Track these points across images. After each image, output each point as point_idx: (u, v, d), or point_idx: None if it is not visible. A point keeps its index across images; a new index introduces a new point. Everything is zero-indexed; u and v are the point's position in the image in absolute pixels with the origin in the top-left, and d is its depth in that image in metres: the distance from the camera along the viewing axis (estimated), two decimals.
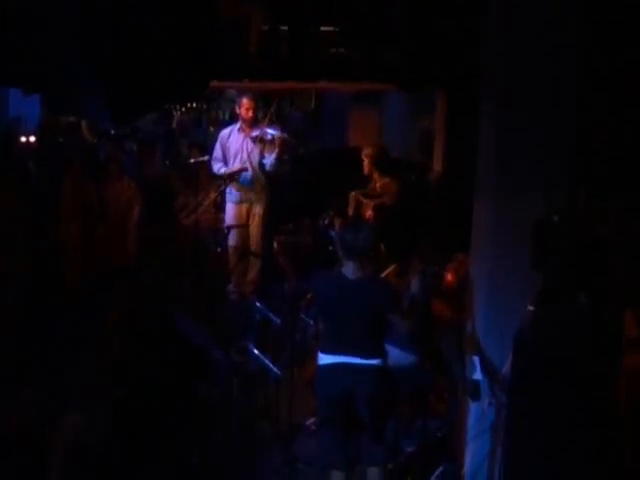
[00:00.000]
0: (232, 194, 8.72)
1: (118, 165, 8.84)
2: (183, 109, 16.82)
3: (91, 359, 6.62)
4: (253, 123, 8.72)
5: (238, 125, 8.78)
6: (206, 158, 9.08)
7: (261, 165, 8.66)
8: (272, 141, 8.58)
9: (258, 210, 8.75)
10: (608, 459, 4.01)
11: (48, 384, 5.93)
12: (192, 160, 9.57)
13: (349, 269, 5.06)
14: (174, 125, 15.08)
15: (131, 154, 10.61)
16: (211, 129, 15.13)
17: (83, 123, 10.82)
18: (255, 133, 8.61)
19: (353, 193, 8.21)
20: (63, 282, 8.20)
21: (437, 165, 10.55)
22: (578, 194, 5.12)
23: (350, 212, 8.13)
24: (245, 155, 8.66)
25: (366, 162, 8.42)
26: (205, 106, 17.98)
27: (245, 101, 8.68)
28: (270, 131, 8.58)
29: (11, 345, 6.72)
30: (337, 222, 7.73)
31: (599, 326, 4.09)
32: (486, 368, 4.96)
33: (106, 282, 7.69)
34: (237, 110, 8.83)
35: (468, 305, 5.43)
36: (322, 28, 9.28)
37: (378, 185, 8.29)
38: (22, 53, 6.31)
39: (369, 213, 7.98)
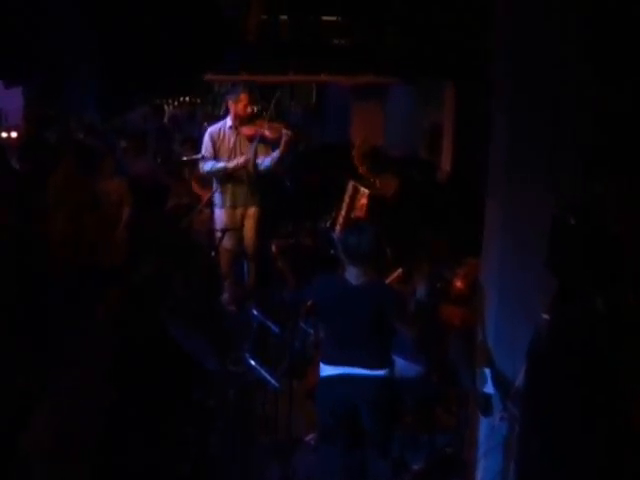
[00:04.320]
0: (223, 198, 8.61)
1: (110, 163, 8.83)
2: (175, 103, 16.87)
3: (78, 362, 6.61)
4: (249, 120, 8.60)
5: (229, 122, 8.57)
6: (200, 156, 9.05)
7: (255, 165, 8.52)
8: (270, 141, 8.46)
9: (252, 212, 8.64)
10: (629, 478, 4.00)
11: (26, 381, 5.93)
12: (185, 158, 9.56)
13: (352, 274, 5.05)
14: (166, 120, 15.10)
15: (120, 151, 10.60)
16: (205, 124, 15.13)
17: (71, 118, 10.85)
18: (251, 132, 8.49)
19: (352, 182, 8.15)
20: (49, 275, 8.17)
21: (445, 164, 10.55)
22: (592, 190, 5.12)
23: (346, 201, 8.06)
24: (238, 155, 8.51)
25: (356, 161, 8.38)
26: (199, 100, 18.01)
27: (243, 96, 8.52)
28: (268, 132, 8.44)
29: None
30: (339, 222, 7.74)
31: (619, 333, 4.08)
32: (498, 380, 4.95)
33: (94, 285, 7.68)
34: (230, 106, 8.65)
35: (478, 312, 5.42)
36: (323, 17, 9.29)
37: (377, 181, 8.23)
38: (3, 43, 6.33)
39: (362, 202, 7.89)
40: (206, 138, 8.66)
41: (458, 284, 6.19)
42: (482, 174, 5.56)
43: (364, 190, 7.93)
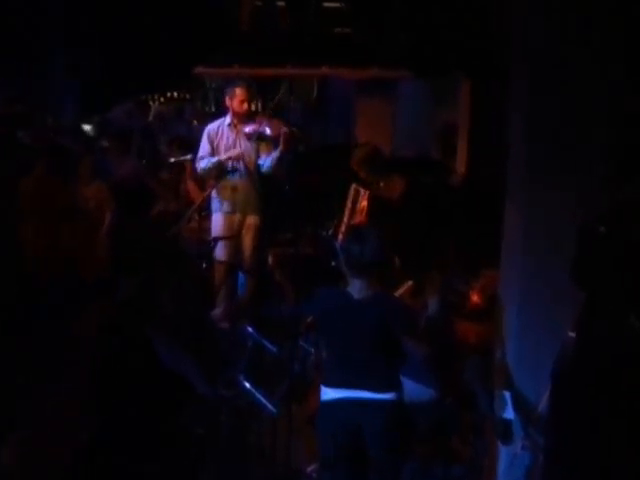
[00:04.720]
0: (220, 202, 8.60)
1: (89, 165, 8.82)
2: (162, 99, 16.85)
3: (53, 389, 6.59)
4: (247, 117, 8.62)
5: (228, 120, 8.64)
6: (189, 157, 9.04)
7: (257, 167, 8.54)
8: (271, 139, 8.46)
9: (253, 221, 8.62)
10: None
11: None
12: (172, 159, 9.55)
13: (356, 287, 5.02)
14: (151, 118, 15.09)
15: (101, 152, 10.59)
16: (195, 123, 15.15)
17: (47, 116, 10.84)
18: (250, 129, 8.50)
19: (354, 185, 8.15)
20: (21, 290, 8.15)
21: (460, 165, 10.55)
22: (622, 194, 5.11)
23: (348, 206, 8.05)
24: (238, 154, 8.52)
25: (354, 167, 8.36)
26: (188, 96, 18.02)
27: (239, 91, 8.53)
28: (269, 129, 8.45)
29: None
30: (342, 230, 7.72)
31: None
32: (519, 404, 4.94)
33: (72, 301, 7.66)
34: (227, 102, 8.68)
35: (496, 329, 5.40)
36: (325, 4, 9.28)
37: (382, 184, 8.22)
38: None
39: (363, 204, 7.90)
40: (204, 136, 8.73)
41: (474, 298, 6.18)
42: (500, 176, 5.55)
43: (364, 191, 7.93)
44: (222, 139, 8.59)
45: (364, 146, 8.80)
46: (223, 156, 8.49)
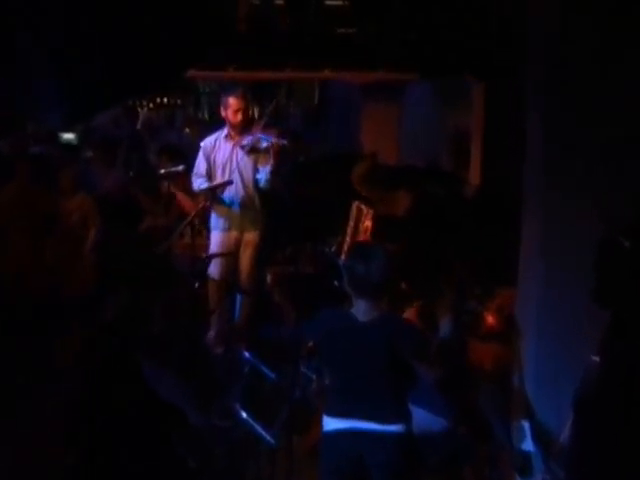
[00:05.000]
0: (217, 219, 8.61)
1: (72, 176, 8.84)
2: (151, 105, 16.91)
3: (30, 421, 6.60)
4: (244, 128, 8.60)
5: (225, 132, 8.64)
6: (180, 168, 9.04)
7: (255, 181, 8.53)
8: (268, 150, 8.46)
9: (252, 238, 8.60)
10: None
11: None
12: (163, 170, 9.56)
13: (360, 309, 5.02)
14: (139, 125, 15.13)
15: (85, 162, 10.62)
16: (187, 130, 15.19)
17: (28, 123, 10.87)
18: (246, 141, 8.49)
19: (356, 202, 8.16)
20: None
21: (473, 176, 10.56)
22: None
23: (351, 224, 8.07)
24: (234, 168, 8.51)
25: (355, 186, 8.38)
26: (179, 101, 18.08)
27: (232, 101, 8.51)
28: (265, 137, 8.45)
29: None
30: (344, 250, 7.74)
31: None
32: (538, 435, 4.93)
33: (53, 323, 7.67)
34: (222, 112, 8.68)
35: (514, 352, 5.40)
36: (327, 2, 9.30)
37: (386, 201, 8.23)
38: None
39: (367, 224, 7.92)
40: (200, 152, 8.73)
41: (489, 319, 6.18)
42: (517, 188, 5.56)
43: (368, 210, 7.94)
44: (218, 153, 8.57)
45: (363, 162, 8.81)
46: (213, 183, 8.50)
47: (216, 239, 8.62)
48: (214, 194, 8.46)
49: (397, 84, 13.86)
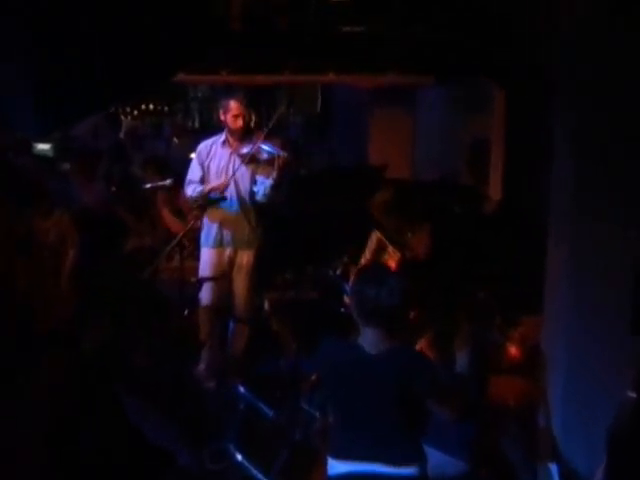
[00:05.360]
0: (207, 235, 8.62)
1: (44, 193, 8.86)
2: (135, 112, 16.96)
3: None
4: (244, 135, 8.62)
5: (223, 137, 8.68)
6: (167, 182, 9.06)
7: (251, 194, 8.54)
8: (268, 161, 8.47)
9: (246, 258, 8.59)
10: None
11: None
12: (148, 185, 9.58)
13: (369, 339, 5.02)
14: (122, 135, 15.18)
15: (63, 176, 10.64)
16: (175, 141, 15.21)
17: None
18: (246, 149, 8.50)
19: (377, 233, 8.15)
20: None
21: (494, 191, 10.56)
22: None
23: (368, 256, 8.08)
24: (230, 177, 8.51)
25: (377, 217, 8.38)
26: (166, 108, 18.13)
27: (233, 105, 8.55)
28: (266, 148, 8.46)
29: None
30: (353, 272, 7.73)
31: None
32: (568, 479, 4.93)
33: (27, 354, 7.67)
34: (221, 117, 8.71)
35: (539, 388, 5.41)
36: None
37: (410, 237, 8.20)
38: None
39: (390, 263, 7.91)
40: (194, 158, 8.77)
41: (512, 350, 6.19)
42: (542, 203, 5.57)
43: (394, 252, 7.95)
44: (213, 160, 8.59)
45: (387, 189, 8.78)
46: (206, 187, 8.50)
47: (207, 257, 8.60)
48: (206, 204, 8.46)
49: (409, 89, 13.88)
